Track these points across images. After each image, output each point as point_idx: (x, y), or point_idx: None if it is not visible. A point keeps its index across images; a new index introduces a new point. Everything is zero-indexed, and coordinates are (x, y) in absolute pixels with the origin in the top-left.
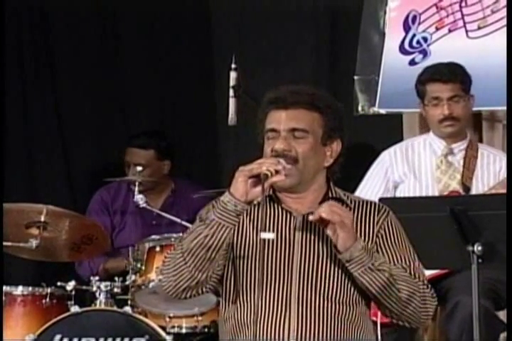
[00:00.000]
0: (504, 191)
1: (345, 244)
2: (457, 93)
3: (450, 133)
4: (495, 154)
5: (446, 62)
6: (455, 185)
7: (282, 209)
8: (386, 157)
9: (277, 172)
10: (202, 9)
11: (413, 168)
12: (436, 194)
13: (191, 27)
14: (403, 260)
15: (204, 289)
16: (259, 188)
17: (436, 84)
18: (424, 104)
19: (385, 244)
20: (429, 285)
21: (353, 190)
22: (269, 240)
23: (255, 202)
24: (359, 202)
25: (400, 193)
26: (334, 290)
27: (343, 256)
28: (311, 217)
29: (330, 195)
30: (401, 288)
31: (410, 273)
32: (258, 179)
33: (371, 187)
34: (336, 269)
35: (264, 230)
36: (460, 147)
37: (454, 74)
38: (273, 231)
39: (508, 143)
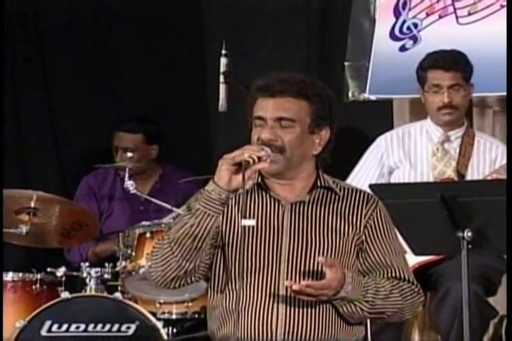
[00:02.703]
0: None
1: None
2: (458, 81)
3: (448, 122)
4: (491, 142)
5: (450, 50)
6: (450, 173)
7: (271, 197)
8: (382, 142)
9: (260, 159)
10: None
11: (409, 154)
12: (431, 181)
13: (182, 14)
14: (389, 254)
15: (193, 278)
16: (242, 176)
17: (437, 72)
18: (423, 91)
19: (373, 235)
20: (414, 281)
21: (345, 176)
22: (257, 228)
23: (241, 191)
24: (348, 191)
25: (395, 179)
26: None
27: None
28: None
29: (319, 183)
30: (385, 310)
31: (395, 274)
32: (241, 166)
33: (366, 172)
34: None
35: (253, 218)
36: (457, 134)
37: (456, 62)
38: (261, 219)
39: (508, 134)
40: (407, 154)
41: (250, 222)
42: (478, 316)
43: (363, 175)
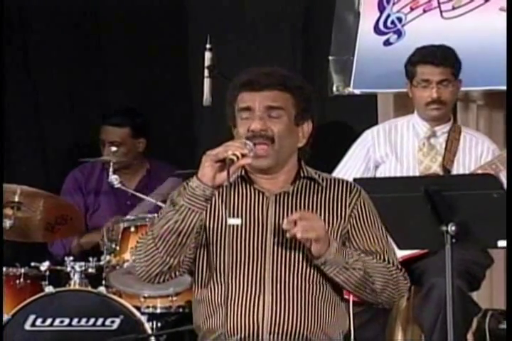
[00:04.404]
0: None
1: (319, 252)
2: (447, 77)
3: (435, 117)
4: (477, 137)
5: (439, 45)
6: (436, 168)
7: (255, 189)
8: (369, 136)
9: (244, 155)
10: None
11: (395, 149)
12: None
13: (167, 8)
14: (375, 241)
15: (177, 273)
16: (226, 172)
17: (427, 67)
18: (412, 85)
19: (358, 225)
20: (401, 267)
21: (330, 170)
22: (242, 221)
23: (226, 184)
24: (331, 181)
25: (381, 174)
26: (308, 270)
27: (318, 261)
28: (285, 226)
29: (301, 174)
30: (375, 280)
31: (383, 259)
32: (225, 163)
33: (352, 166)
34: None
35: (237, 212)
36: (443, 130)
37: (446, 57)
38: (246, 212)
39: (507, 133)
40: (394, 149)
41: (236, 221)
42: (462, 312)
43: (349, 169)
